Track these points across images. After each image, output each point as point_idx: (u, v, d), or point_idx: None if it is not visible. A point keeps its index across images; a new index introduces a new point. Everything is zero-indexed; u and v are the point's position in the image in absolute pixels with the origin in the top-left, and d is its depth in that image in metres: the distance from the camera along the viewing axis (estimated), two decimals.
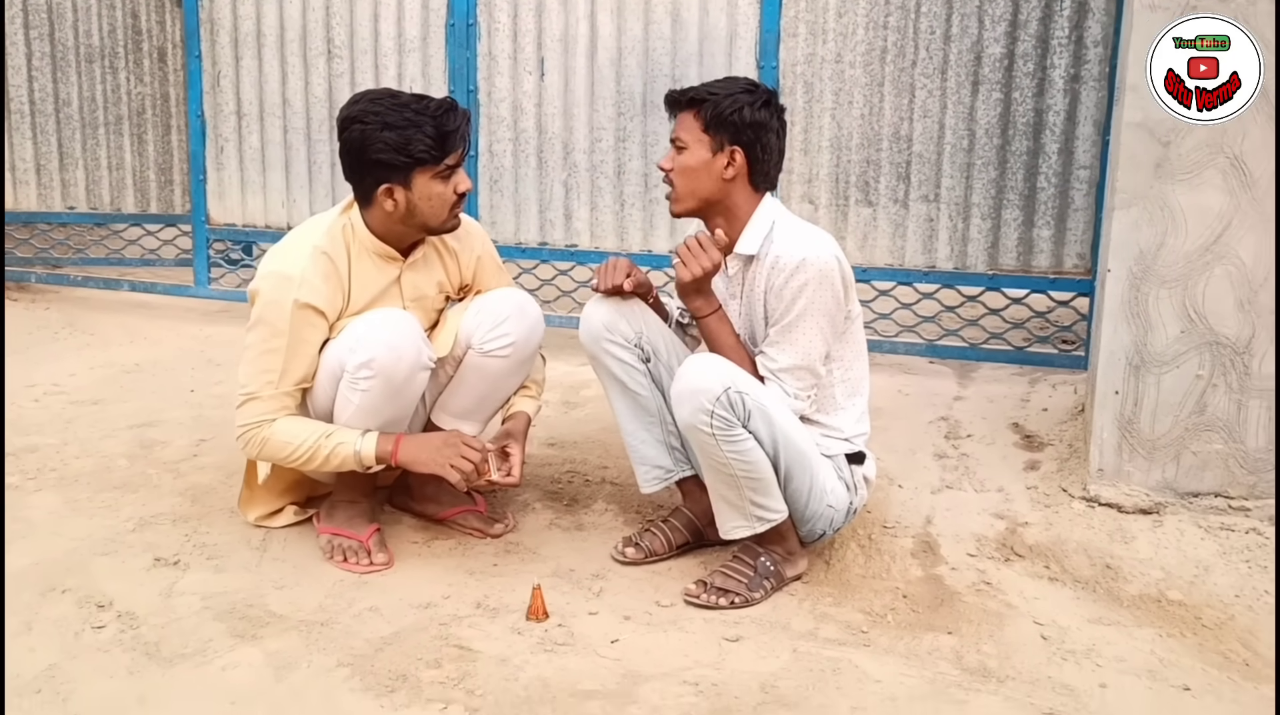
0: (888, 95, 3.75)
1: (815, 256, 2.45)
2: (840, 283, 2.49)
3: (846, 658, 2.31)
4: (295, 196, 4.58)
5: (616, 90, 4.05)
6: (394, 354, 2.49)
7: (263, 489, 2.80)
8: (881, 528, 2.90)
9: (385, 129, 2.48)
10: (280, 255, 2.61)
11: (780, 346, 2.49)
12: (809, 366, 2.50)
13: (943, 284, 3.81)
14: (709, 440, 2.38)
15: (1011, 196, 3.69)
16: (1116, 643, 2.40)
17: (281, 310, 2.52)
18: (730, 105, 2.48)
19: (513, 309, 2.70)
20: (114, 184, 5.06)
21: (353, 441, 2.52)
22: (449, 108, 2.52)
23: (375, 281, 2.64)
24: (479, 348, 2.69)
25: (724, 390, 2.35)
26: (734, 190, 2.54)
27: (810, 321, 2.46)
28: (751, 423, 2.39)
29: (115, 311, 4.85)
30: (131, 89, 5.00)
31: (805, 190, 3.89)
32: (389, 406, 2.55)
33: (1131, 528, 2.82)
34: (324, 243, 2.58)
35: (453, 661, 2.25)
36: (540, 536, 2.86)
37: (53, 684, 2.14)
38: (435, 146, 2.49)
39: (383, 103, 2.52)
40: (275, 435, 2.54)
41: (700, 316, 2.55)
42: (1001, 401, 3.62)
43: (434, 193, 2.54)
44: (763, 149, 2.52)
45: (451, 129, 2.51)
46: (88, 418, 3.65)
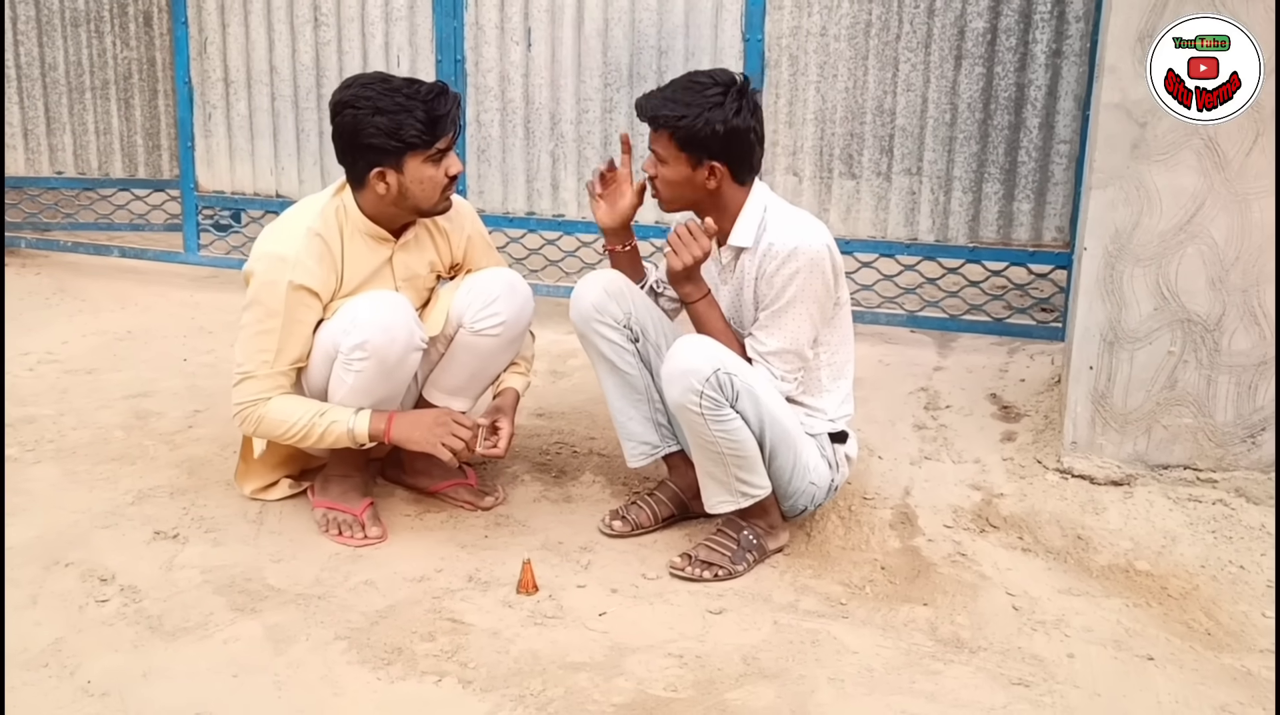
0: (872, 69, 3.78)
1: (807, 245, 2.51)
2: (830, 271, 2.54)
3: (825, 629, 2.40)
4: (283, 164, 4.60)
5: (603, 61, 4.07)
6: (387, 336, 2.55)
7: (258, 462, 2.87)
8: (862, 499, 2.98)
9: (377, 114, 2.52)
10: (275, 237, 2.65)
11: (769, 330, 2.56)
12: (796, 351, 2.57)
13: (924, 256, 3.86)
14: (698, 419, 2.46)
15: (993, 170, 3.73)
16: (1085, 613, 2.49)
17: (276, 291, 2.57)
18: (703, 125, 2.47)
19: (503, 288, 2.76)
20: (101, 149, 5.05)
21: (346, 420, 2.58)
22: (439, 92, 2.56)
23: (368, 262, 2.69)
24: (470, 327, 2.75)
25: (713, 371, 2.42)
26: (720, 192, 2.58)
27: (800, 308, 2.52)
28: (739, 403, 2.46)
29: (106, 277, 4.88)
30: (118, 54, 4.98)
31: (790, 163, 3.93)
32: (382, 386, 2.61)
33: (1103, 499, 2.91)
34: (318, 224, 2.62)
35: (446, 634, 2.34)
36: (529, 509, 2.94)
37: (60, 657, 2.22)
38: (425, 131, 2.53)
39: (374, 87, 2.55)
40: (270, 413, 2.60)
41: (690, 302, 2.61)
42: (980, 372, 3.69)
43: (425, 176, 2.58)
44: (742, 152, 2.55)
45: (442, 113, 2.54)
46: (83, 388, 3.70)
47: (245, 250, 4.73)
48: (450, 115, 2.56)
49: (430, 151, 2.56)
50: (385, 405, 2.66)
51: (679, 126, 2.49)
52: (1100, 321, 2.92)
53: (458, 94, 2.61)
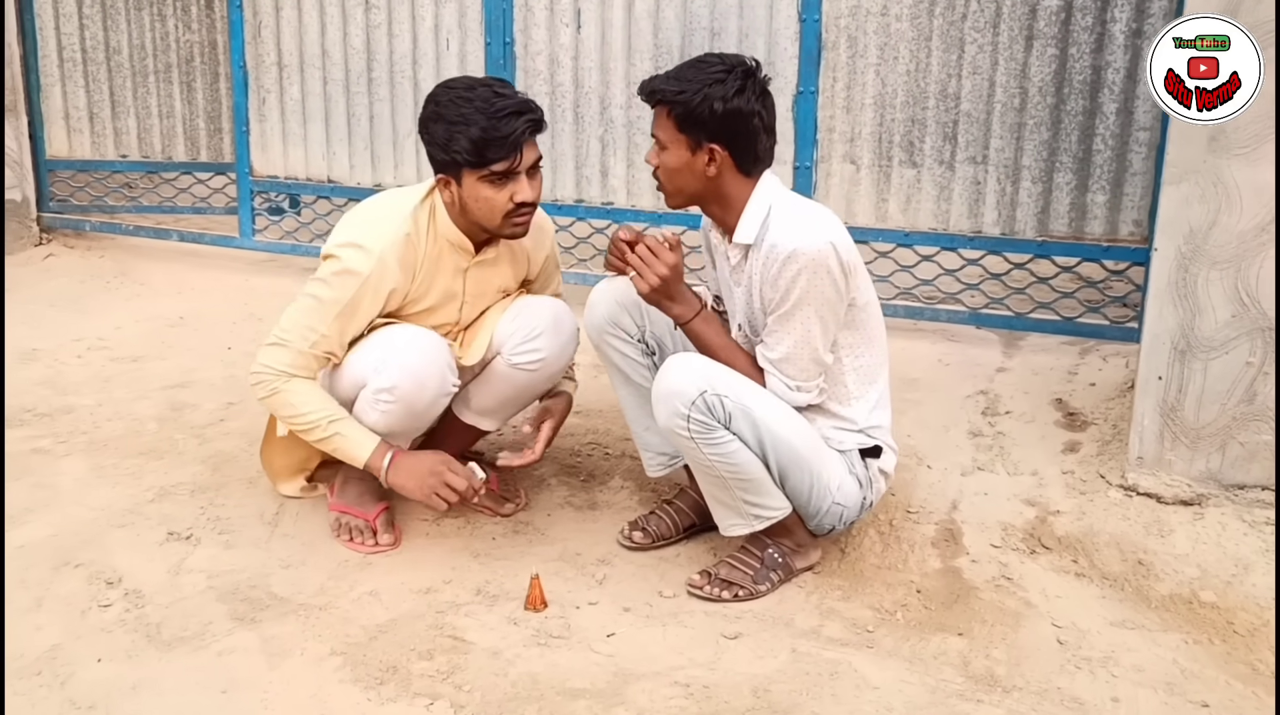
0: (935, 50, 3.56)
1: (809, 244, 2.30)
2: (839, 269, 2.33)
3: (847, 660, 2.24)
4: (335, 149, 4.54)
5: (654, 43, 3.91)
6: (417, 382, 2.47)
7: (281, 449, 2.80)
8: (905, 512, 2.81)
9: (437, 120, 2.42)
10: (365, 227, 2.53)
11: (777, 336, 2.38)
12: (810, 356, 2.38)
13: (989, 250, 3.64)
14: (689, 444, 2.31)
15: (1065, 159, 3.49)
16: (1138, 650, 2.30)
17: (350, 281, 2.46)
18: (700, 102, 2.31)
19: (548, 324, 2.63)
20: (165, 132, 5.07)
21: (352, 442, 2.50)
22: (512, 112, 2.37)
23: (444, 272, 2.58)
24: (508, 357, 2.64)
25: (699, 394, 2.27)
26: (723, 183, 2.40)
27: (807, 311, 2.33)
28: (734, 424, 2.30)
29: (166, 260, 4.90)
30: (180, 37, 4.98)
31: (847, 150, 3.74)
32: (405, 426, 2.56)
33: (1170, 520, 2.69)
34: (409, 226, 2.51)
35: (445, 653, 2.24)
36: (551, 516, 2.83)
37: (53, 666, 2.18)
38: (473, 151, 2.38)
39: (454, 91, 2.42)
40: (286, 394, 2.50)
41: (682, 323, 2.45)
42: (1047, 374, 3.47)
43: (481, 195, 2.44)
44: (745, 138, 2.36)
45: (502, 135, 2.36)
46: (125, 377, 3.70)
47: (299, 236, 4.73)
48: (513, 139, 2.37)
49: (483, 171, 2.41)
50: (400, 438, 2.59)
51: (676, 101, 2.33)
52: (1171, 328, 2.69)
53: (536, 117, 2.42)
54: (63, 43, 4.98)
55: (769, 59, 3.76)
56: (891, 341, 3.71)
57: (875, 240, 3.76)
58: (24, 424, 3.29)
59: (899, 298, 3.79)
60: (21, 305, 4.44)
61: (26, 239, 4.95)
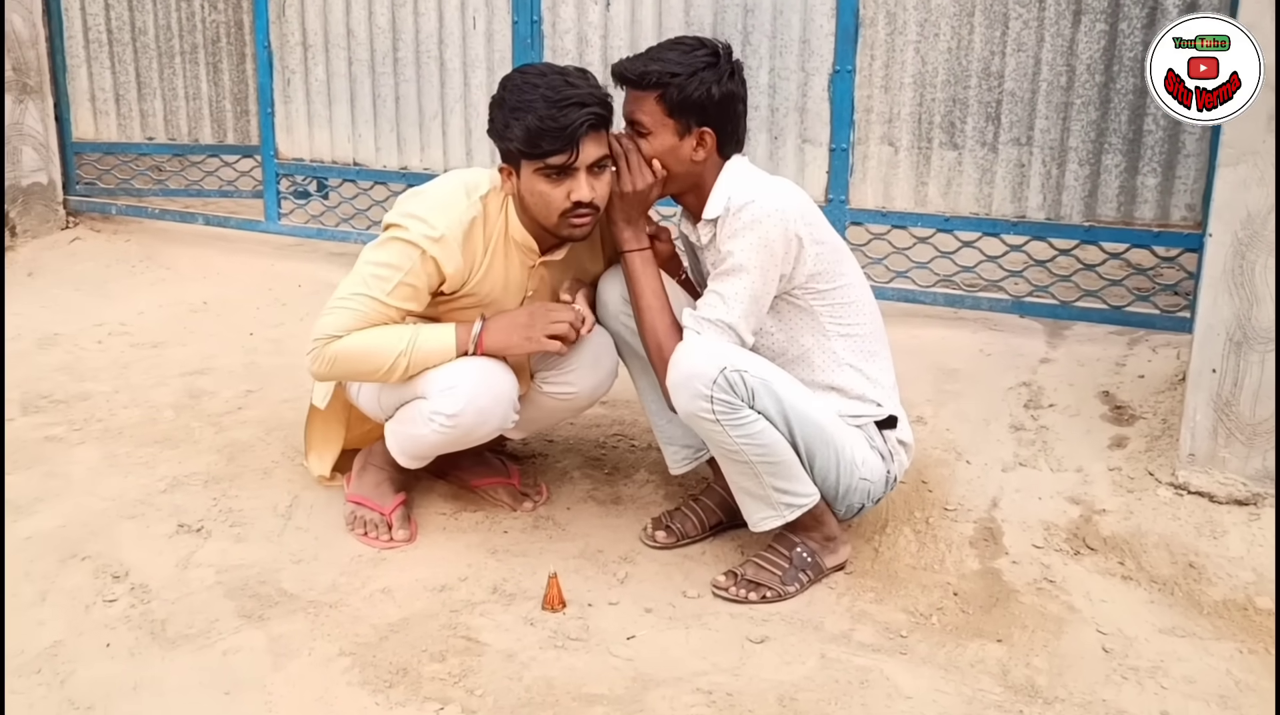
0: (978, 26, 3.41)
1: (765, 200, 2.25)
2: (789, 237, 2.25)
3: (878, 667, 2.13)
4: (360, 131, 4.46)
5: (685, 21, 3.78)
6: (480, 416, 2.39)
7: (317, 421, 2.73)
8: (942, 510, 2.69)
9: (500, 105, 2.31)
10: (435, 202, 2.40)
11: (710, 295, 2.29)
12: (730, 323, 2.26)
13: (1033, 236, 3.49)
14: (715, 428, 2.20)
15: (1114, 140, 3.33)
16: (1189, 659, 2.17)
17: (411, 252, 2.35)
18: (697, 86, 2.23)
19: (587, 360, 2.53)
20: (191, 114, 5.01)
21: (435, 346, 2.38)
22: (575, 103, 2.23)
23: (511, 262, 2.48)
24: (539, 383, 2.57)
25: (719, 371, 2.16)
26: (705, 168, 2.34)
27: (744, 276, 2.24)
28: (758, 401, 2.19)
29: (192, 243, 4.83)
30: (206, 16, 4.90)
31: (885, 131, 3.59)
32: (446, 449, 2.51)
33: (1223, 521, 2.56)
34: (478, 210, 2.41)
35: (457, 655, 2.15)
36: (573, 511, 2.73)
37: (54, 663, 2.11)
38: (527, 140, 2.25)
39: (525, 76, 2.31)
40: (345, 347, 2.36)
41: (626, 249, 2.38)
42: (1094, 365, 3.32)
43: (537, 189, 2.32)
44: (733, 121, 2.31)
45: (556, 126, 2.22)
46: (144, 363, 3.64)
47: (325, 219, 4.66)
48: (570, 131, 2.22)
49: (539, 164, 2.28)
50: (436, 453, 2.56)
51: (671, 84, 2.24)
52: (1226, 318, 2.55)
53: (602, 113, 2.27)
54: (88, 23, 4.92)
55: (804, 36, 3.63)
56: (930, 330, 3.64)
57: (914, 225, 3.63)
58: (40, 411, 3.24)
59: (939, 284, 3.65)
60: (46, 289, 4.41)
61: (53, 222, 4.91)
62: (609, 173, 2.35)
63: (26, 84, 4.73)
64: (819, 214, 2.37)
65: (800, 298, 2.33)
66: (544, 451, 3.01)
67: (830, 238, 2.36)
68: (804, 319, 2.35)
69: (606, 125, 2.31)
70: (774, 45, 3.67)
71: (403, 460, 2.54)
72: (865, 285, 2.45)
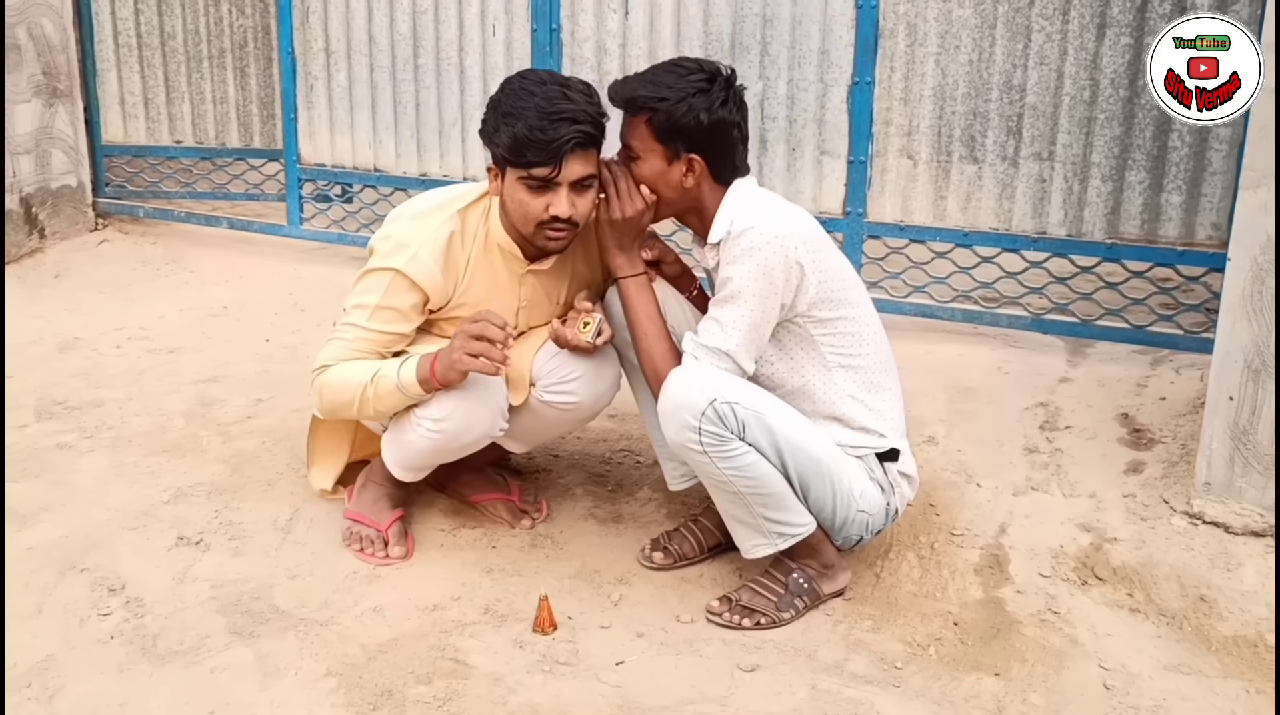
0: (1000, 39, 3.34)
1: (766, 225, 2.20)
2: (792, 258, 2.20)
3: (869, 700, 2.09)
4: (381, 138, 4.46)
5: (704, 30, 3.75)
6: (466, 421, 2.39)
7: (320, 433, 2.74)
8: (949, 535, 2.64)
9: (495, 108, 2.29)
10: (410, 220, 2.41)
11: (709, 322, 2.26)
12: (734, 347, 2.23)
13: (1054, 252, 3.42)
14: (703, 459, 2.17)
15: (1137, 156, 3.25)
16: (1193, 698, 2.11)
17: (383, 277, 2.37)
18: (685, 112, 2.20)
19: (587, 369, 2.49)
20: (218, 118, 5.04)
21: (392, 374, 2.34)
22: (566, 118, 2.21)
23: (496, 274, 2.47)
24: (539, 392, 2.51)
25: (709, 403, 2.13)
26: (699, 193, 2.30)
27: (743, 303, 2.21)
28: (749, 434, 2.16)
29: (216, 246, 4.86)
30: (233, 21, 4.94)
31: (904, 144, 3.54)
32: (443, 455, 2.50)
33: (1238, 552, 2.48)
34: (455, 225, 2.40)
35: (444, 678, 2.14)
36: (573, 528, 2.71)
37: (44, 678, 2.12)
38: (512, 148, 2.24)
39: (524, 82, 2.29)
40: (329, 378, 2.39)
41: (619, 276, 2.37)
42: (1114, 386, 3.25)
43: (517, 197, 2.30)
44: (725, 149, 2.27)
45: (542, 139, 2.20)
46: (159, 369, 3.66)
47: (346, 224, 4.66)
48: (555, 146, 2.20)
49: (522, 173, 2.26)
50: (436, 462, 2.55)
51: (658, 109, 2.21)
52: (1245, 345, 2.48)
53: (591, 133, 2.25)
54: (118, 28, 4.96)
55: (823, 47, 3.57)
56: (948, 346, 3.58)
57: (933, 240, 3.56)
58: (53, 417, 3.26)
59: (956, 300, 3.59)
60: (72, 292, 4.46)
61: (82, 224, 4.95)
62: (593, 192, 2.32)
63: (57, 88, 4.77)
64: (826, 241, 2.32)
65: (801, 326, 2.29)
66: (548, 466, 2.99)
67: (835, 266, 2.31)
68: (805, 348, 2.31)
69: (596, 144, 2.28)
70: (793, 56, 3.63)
71: (398, 472, 2.53)
72: (873, 316, 2.40)
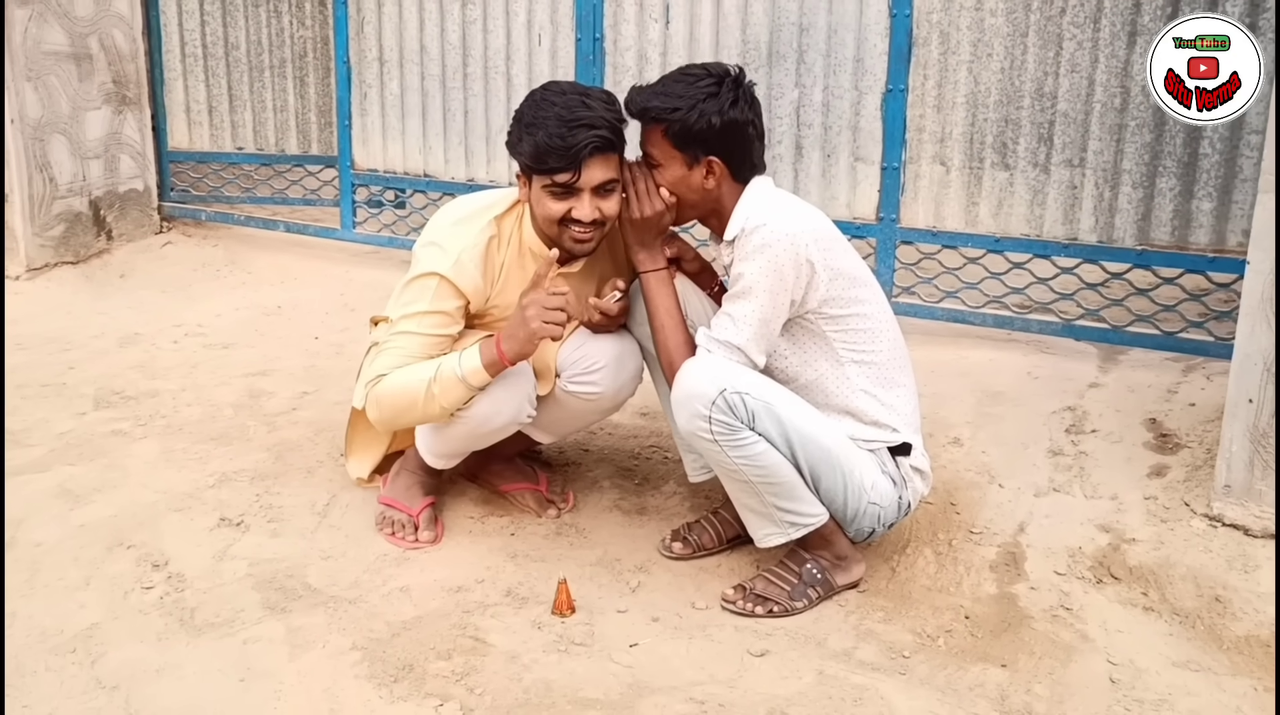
0: (1031, 47, 3.38)
1: (779, 223, 2.26)
2: (803, 256, 2.26)
3: (875, 687, 2.14)
4: (431, 144, 4.60)
5: (742, 39, 3.83)
6: (494, 407, 2.46)
7: (358, 425, 2.82)
8: (967, 532, 2.67)
9: (519, 119, 2.38)
10: (450, 227, 2.51)
11: (722, 316, 2.32)
12: (745, 342, 2.28)
13: (1085, 258, 3.44)
14: (714, 447, 2.23)
15: (1168, 163, 3.27)
16: (1199, 694, 2.13)
17: (428, 283, 2.45)
18: (697, 119, 2.27)
19: (611, 359, 2.56)
20: (278, 125, 5.23)
21: (461, 374, 2.39)
22: (584, 124, 2.29)
23: (526, 279, 2.50)
24: (564, 383, 2.59)
25: (719, 392, 2.20)
26: (720, 194, 2.37)
27: (755, 298, 2.26)
28: (758, 423, 2.22)
29: (273, 249, 5.03)
30: (294, 32, 5.12)
31: (936, 150, 3.58)
32: (472, 442, 2.58)
33: (1256, 555, 2.49)
34: (493, 230, 2.50)
35: (463, 654, 2.22)
36: (597, 519, 2.79)
37: (88, 644, 2.24)
38: (534, 155, 2.33)
39: (547, 93, 2.38)
40: (381, 390, 2.46)
41: (642, 271, 2.43)
42: (1144, 392, 3.25)
43: (541, 201, 2.39)
44: (741, 147, 2.33)
45: (562, 145, 2.28)
46: (213, 363, 3.81)
47: (396, 228, 4.80)
48: (574, 151, 2.28)
49: (545, 179, 2.35)
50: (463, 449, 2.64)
51: (672, 119, 2.29)
52: (1264, 348, 2.49)
53: (609, 137, 2.32)
54: (185, 39, 5.17)
55: (858, 55, 3.63)
56: (980, 351, 3.61)
57: (964, 245, 3.60)
58: (110, 406, 3.42)
59: (988, 306, 3.62)
60: (135, 290, 4.64)
61: (147, 227, 5.15)
62: (616, 195, 2.40)
63: (126, 96, 4.98)
64: (838, 239, 2.38)
65: (814, 322, 2.35)
66: (577, 460, 3.08)
67: (847, 264, 2.36)
68: (818, 344, 2.37)
69: (616, 148, 2.36)
70: (828, 64, 3.69)
71: (430, 459, 2.63)
72: (887, 313, 2.45)
